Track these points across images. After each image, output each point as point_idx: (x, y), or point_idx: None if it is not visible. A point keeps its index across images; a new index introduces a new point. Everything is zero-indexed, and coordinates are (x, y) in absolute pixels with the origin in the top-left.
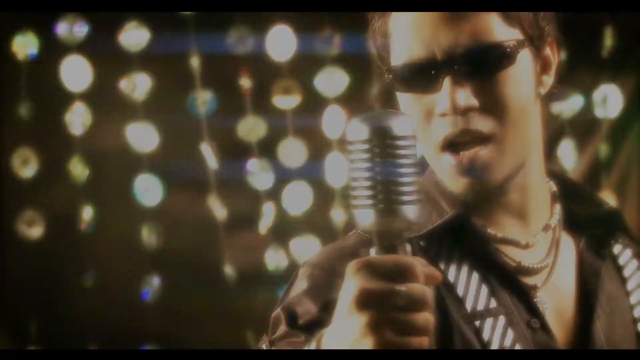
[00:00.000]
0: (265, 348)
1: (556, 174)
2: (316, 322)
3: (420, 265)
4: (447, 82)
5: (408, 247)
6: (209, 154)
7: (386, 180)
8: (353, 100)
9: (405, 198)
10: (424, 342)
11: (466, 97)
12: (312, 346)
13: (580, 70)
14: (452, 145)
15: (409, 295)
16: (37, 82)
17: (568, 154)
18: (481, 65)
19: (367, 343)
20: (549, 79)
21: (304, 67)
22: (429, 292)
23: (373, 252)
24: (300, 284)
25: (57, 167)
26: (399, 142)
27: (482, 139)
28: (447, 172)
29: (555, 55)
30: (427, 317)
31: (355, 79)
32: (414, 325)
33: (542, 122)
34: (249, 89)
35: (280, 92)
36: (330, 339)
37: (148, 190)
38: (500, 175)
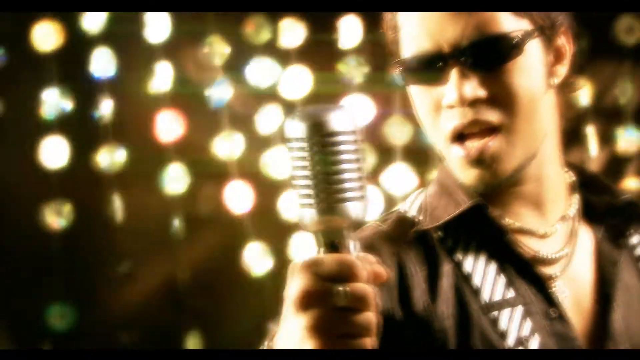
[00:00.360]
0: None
1: (574, 165)
2: None
3: (363, 264)
4: (454, 74)
5: (353, 245)
6: (232, 143)
7: (323, 179)
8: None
9: (345, 195)
10: (367, 342)
11: (473, 88)
12: (265, 346)
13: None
14: (461, 136)
15: (350, 296)
16: (65, 71)
17: (592, 142)
18: (487, 57)
19: (308, 344)
20: (563, 69)
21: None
22: (371, 292)
23: (318, 252)
24: None
25: (87, 157)
26: (336, 139)
27: (491, 129)
28: (457, 164)
29: (569, 45)
30: (368, 317)
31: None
32: (355, 326)
33: (557, 112)
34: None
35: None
36: (279, 339)
37: (175, 179)
38: (510, 165)
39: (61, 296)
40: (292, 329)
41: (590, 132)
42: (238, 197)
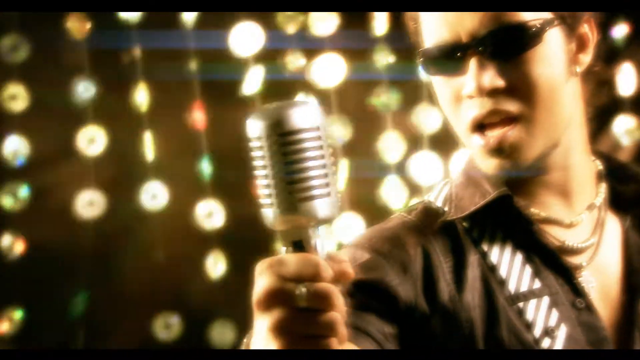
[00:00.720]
0: None
1: (602, 153)
2: (343, 293)
3: (330, 263)
4: (472, 64)
5: (320, 243)
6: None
7: (282, 178)
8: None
9: (308, 194)
10: (332, 342)
11: (491, 78)
12: (244, 344)
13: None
14: (481, 126)
15: (311, 296)
16: (100, 60)
17: (623, 130)
18: (506, 46)
19: (273, 345)
20: (586, 57)
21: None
22: (334, 291)
23: (284, 251)
24: None
25: (123, 146)
26: (296, 137)
27: (510, 119)
28: (477, 153)
29: (592, 33)
30: (331, 317)
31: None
32: (318, 326)
33: (582, 101)
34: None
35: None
36: (253, 339)
37: (208, 168)
38: (531, 155)
39: (93, 285)
40: (258, 329)
41: (623, 121)
42: None
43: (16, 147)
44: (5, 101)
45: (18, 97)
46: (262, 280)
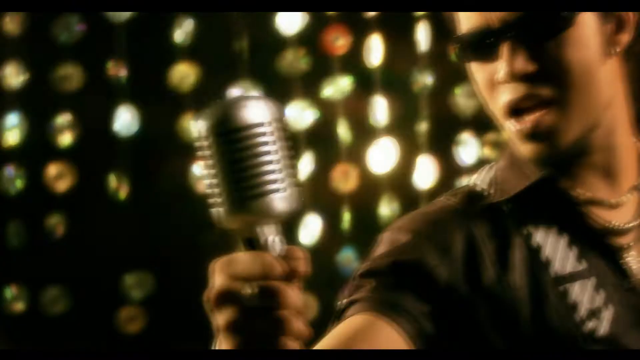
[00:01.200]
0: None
1: None
2: (381, 272)
3: (284, 260)
4: (504, 49)
5: (274, 240)
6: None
7: (228, 178)
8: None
9: (257, 191)
10: (285, 341)
11: (523, 62)
12: (216, 345)
13: None
14: (516, 111)
15: (259, 294)
16: (137, 40)
17: None
18: (536, 30)
19: (226, 345)
20: (626, 37)
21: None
22: (283, 289)
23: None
24: (381, 248)
25: (164, 128)
26: (238, 135)
27: (544, 103)
28: (514, 138)
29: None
30: (280, 315)
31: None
32: (267, 325)
33: (624, 80)
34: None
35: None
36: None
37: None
38: (567, 138)
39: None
40: (216, 329)
41: None
42: (302, 166)
43: (65, 126)
44: (58, 81)
45: (72, 77)
46: (216, 279)
